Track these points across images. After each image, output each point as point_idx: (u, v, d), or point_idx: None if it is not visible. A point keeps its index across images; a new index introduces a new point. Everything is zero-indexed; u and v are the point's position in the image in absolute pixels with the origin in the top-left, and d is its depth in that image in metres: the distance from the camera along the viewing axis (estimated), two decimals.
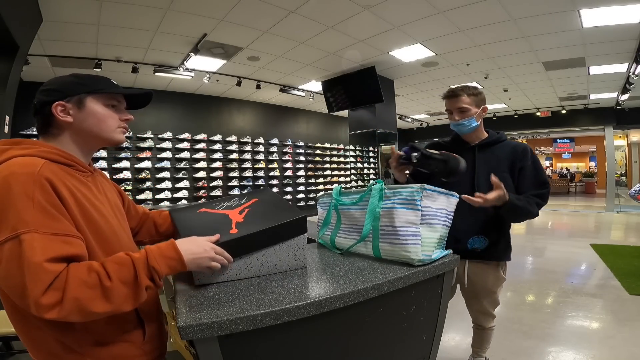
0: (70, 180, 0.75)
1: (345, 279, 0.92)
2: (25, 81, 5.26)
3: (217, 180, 7.34)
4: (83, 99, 0.81)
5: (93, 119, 0.82)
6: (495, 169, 1.41)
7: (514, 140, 1.56)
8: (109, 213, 0.84)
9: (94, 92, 0.82)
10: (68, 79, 0.82)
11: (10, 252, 0.62)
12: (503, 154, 1.46)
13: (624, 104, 8.28)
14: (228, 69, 5.63)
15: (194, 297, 0.82)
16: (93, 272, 0.66)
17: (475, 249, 1.44)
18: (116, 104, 0.86)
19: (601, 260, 4.14)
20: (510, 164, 1.44)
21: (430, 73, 6.14)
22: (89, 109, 0.81)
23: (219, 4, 3.55)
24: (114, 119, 0.85)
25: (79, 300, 0.63)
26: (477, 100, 1.45)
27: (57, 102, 0.78)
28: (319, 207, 1.34)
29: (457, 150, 1.50)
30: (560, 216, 8.78)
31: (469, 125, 1.45)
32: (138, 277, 0.69)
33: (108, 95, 0.84)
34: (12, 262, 0.62)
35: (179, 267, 0.76)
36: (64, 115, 0.79)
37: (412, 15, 3.90)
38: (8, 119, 2.99)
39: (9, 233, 0.62)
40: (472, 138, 1.51)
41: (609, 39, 4.46)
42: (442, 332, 1.14)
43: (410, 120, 10.80)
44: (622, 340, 2.23)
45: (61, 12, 3.46)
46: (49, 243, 0.64)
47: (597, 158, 16.80)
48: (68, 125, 0.80)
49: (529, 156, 1.44)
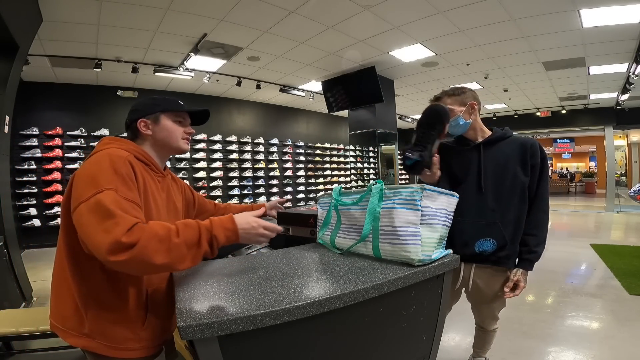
0: (143, 172, 0.97)
1: (345, 279, 0.92)
2: (25, 81, 5.27)
3: (217, 180, 7.34)
4: (158, 117, 1.06)
5: (165, 132, 1.07)
6: (504, 166, 1.37)
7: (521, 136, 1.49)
8: (162, 207, 1.04)
9: (166, 110, 1.07)
10: (148, 101, 1.08)
11: (96, 202, 0.77)
12: (511, 150, 1.40)
13: (624, 104, 8.28)
14: (228, 69, 5.63)
15: (194, 297, 0.82)
16: (166, 228, 0.80)
17: (484, 252, 1.37)
18: (182, 120, 1.12)
19: (601, 260, 4.14)
20: (521, 160, 1.38)
21: (430, 73, 6.14)
22: (162, 124, 1.07)
23: (219, 4, 3.55)
24: (179, 131, 1.10)
25: (146, 249, 0.74)
26: (460, 99, 1.43)
27: (140, 119, 1.04)
28: (319, 207, 1.34)
29: (460, 150, 1.48)
30: (560, 216, 8.77)
31: (456, 125, 1.42)
32: (200, 240, 0.83)
33: (176, 113, 1.10)
34: (99, 209, 0.76)
35: (234, 238, 0.91)
36: (145, 129, 1.05)
37: (412, 15, 3.90)
38: (8, 119, 2.99)
39: (96, 189, 0.79)
40: (474, 136, 1.47)
41: (609, 39, 4.46)
42: (442, 332, 1.14)
43: (410, 120, 10.80)
44: (622, 340, 2.23)
45: (61, 12, 3.46)
46: (124, 203, 0.80)
47: (597, 158, 16.81)
48: (148, 136, 1.06)
49: (539, 154, 1.38)
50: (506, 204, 1.36)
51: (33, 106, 5.56)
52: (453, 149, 1.52)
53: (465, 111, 1.42)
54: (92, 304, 0.88)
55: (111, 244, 0.72)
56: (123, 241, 0.72)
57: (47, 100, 5.66)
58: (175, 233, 0.80)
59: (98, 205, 0.77)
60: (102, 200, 0.77)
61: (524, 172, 1.37)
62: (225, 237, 0.88)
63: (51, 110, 5.68)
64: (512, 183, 1.36)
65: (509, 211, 1.35)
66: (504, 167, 1.38)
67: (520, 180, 1.36)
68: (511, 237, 1.36)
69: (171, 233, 0.79)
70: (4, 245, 2.82)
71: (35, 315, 1.83)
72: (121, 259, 0.72)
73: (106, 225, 0.74)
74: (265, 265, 1.07)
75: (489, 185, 1.37)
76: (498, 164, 1.39)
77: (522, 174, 1.37)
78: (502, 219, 1.35)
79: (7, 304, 2.52)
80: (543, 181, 1.39)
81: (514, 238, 1.37)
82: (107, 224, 0.74)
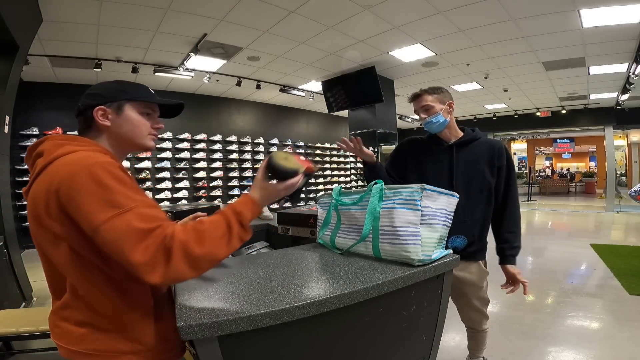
0: None
1: (345, 279, 0.92)
2: (25, 81, 5.27)
3: (217, 180, 7.34)
4: (122, 105, 0.86)
5: (129, 125, 0.87)
6: (474, 167, 1.46)
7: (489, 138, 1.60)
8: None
9: (133, 99, 0.87)
10: (111, 85, 0.88)
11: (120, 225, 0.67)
12: (480, 152, 1.48)
13: (624, 104, 8.28)
14: (228, 69, 5.63)
15: (194, 297, 0.82)
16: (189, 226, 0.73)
17: (456, 248, 1.45)
18: (150, 113, 0.92)
19: (601, 260, 4.14)
20: (489, 161, 1.46)
21: (430, 73, 6.14)
22: (126, 115, 0.86)
23: (219, 4, 3.55)
24: (146, 126, 0.90)
25: (184, 244, 0.68)
26: (440, 98, 1.47)
27: (99, 106, 0.83)
28: (319, 207, 1.34)
29: (434, 148, 1.54)
30: (560, 216, 8.78)
31: (437, 122, 1.47)
32: (230, 224, 0.76)
33: (144, 104, 0.90)
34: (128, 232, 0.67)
35: (257, 210, 0.84)
36: (102, 119, 0.84)
37: (412, 15, 3.90)
38: (8, 119, 2.99)
39: (114, 209, 0.68)
40: (447, 136, 1.52)
41: (609, 39, 4.46)
42: (442, 332, 1.14)
43: (410, 120, 10.79)
44: (622, 340, 2.23)
45: (61, 12, 3.46)
46: (151, 211, 0.72)
47: (597, 158, 16.79)
48: (106, 128, 0.85)
49: (505, 156, 1.48)
50: (475, 203, 1.45)
51: (33, 106, 5.56)
52: (427, 147, 1.57)
53: (444, 109, 1.47)
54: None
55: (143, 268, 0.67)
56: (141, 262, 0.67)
57: (47, 100, 5.67)
58: (199, 223, 0.75)
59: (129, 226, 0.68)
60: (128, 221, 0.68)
61: (491, 174, 1.46)
62: (249, 210, 0.82)
63: (51, 110, 5.68)
64: (480, 183, 1.45)
65: (477, 210, 1.46)
66: (473, 167, 1.46)
67: (487, 180, 1.45)
68: (479, 234, 1.48)
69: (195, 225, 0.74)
70: (4, 245, 2.82)
71: (35, 315, 1.83)
72: (162, 274, 0.67)
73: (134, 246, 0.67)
74: (265, 265, 1.07)
75: (460, 185, 1.44)
76: (469, 165, 1.47)
77: (490, 175, 1.46)
78: (471, 217, 1.45)
79: (7, 304, 2.52)
80: (512, 181, 1.50)
81: (481, 235, 1.48)
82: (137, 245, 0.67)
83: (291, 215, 1.54)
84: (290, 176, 0.89)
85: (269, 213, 2.28)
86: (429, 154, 1.54)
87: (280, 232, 1.52)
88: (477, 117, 10.30)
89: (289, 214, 1.54)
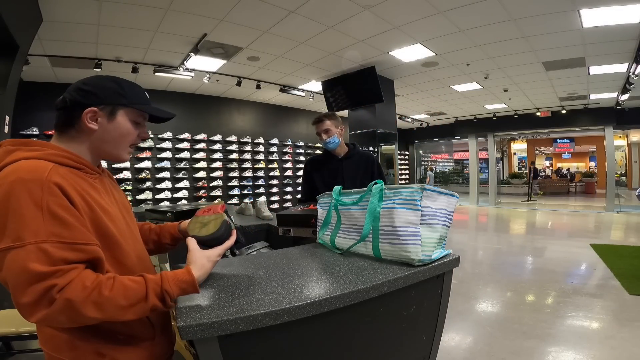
0: (80, 184, 0.73)
1: (345, 279, 0.92)
2: (25, 81, 5.27)
3: (217, 180, 7.33)
4: (116, 111, 0.79)
5: (116, 133, 0.80)
6: (356, 174, 1.97)
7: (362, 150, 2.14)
8: (117, 215, 0.82)
9: (129, 105, 0.80)
10: (108, 84, 0.80)
11: (15, 260, 0.61)
12: (360, 162, 2.02)
13: (624, 104, 8.28)
14: (228, 69, 5.62)
15: (194, 297, 0.82)
16: (96, 281, 0.66)
17: None
18: (141, 122, 0.85)
19: (601, 261, 4.14)
20: (365, 168, 2.00)
21: (430, 73, 6.13)
22: (117, 122, 0.80)
23: (219, 4, 3.55)
24: (132, 136, 0.84)
25: (71, 303, 0.62)
26: (336, 123, 1.96)
27: (90, 107, 0.76)
28: (319, 207, 1.34)
29: (330, 162, 2.04)
30: (560, 216, 8.78)
31: (334, 142, 1.97)
32: (148, 297, 0.69)
33: (138, 112, 0.83)
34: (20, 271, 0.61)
35: (191, 290, 0.76)
36: (91, 121, 0.77)
37: (412, 15, 3.90)
38: (8, 119, 2.99)
39: (14, 241, 0.61)
40: (339, 152, 2.03)
41: (609, 39, 4.46)
42: (442, 332, 1.14)
43: (410, 120, 10.80)
44: (622, 340, 2.23)
45: (61, 12, 3.46)
46: (60, 252, 0.63)
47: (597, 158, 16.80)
48: (90, 131, 0.77)
49: (375, 164, 2.03)
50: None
51: (33, 106, 5.56)
52: (326, 161, 2.07)
53: (338, 132, 1.97)
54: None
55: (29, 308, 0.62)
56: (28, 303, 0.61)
57: (47, 100, 5.66)
58: (109, 286, 0.66)
59: (18, 264, 0.61)
60: (19, 259, 0.61)
61: (366, 177, 1.94)
62: (181, 289, 0.74)
63: (51, 110, 5.55)
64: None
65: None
66: (356, 174, 1.98)
67: (365, 182, 1.65)
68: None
69: (101, 285, 0.66)
70: None
71: None
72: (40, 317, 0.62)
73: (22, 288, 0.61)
74: (265, 265, 1.07)
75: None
76: (353, 173, 1.98)
77: (365, 177, 1.95)
78: None
79: (7, 304, 2.52)
80: (382, 176, 2.05)
81: None
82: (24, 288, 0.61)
83: (291, 216, 1.53)
84: (221, 238, 0.88)
85: (268, 213, 2.28)
86: (327, 166, 2.05)
87: (281, 233, 1.51)
88: (477, 117, 10.29)
89: (289, 215, 1.54)
